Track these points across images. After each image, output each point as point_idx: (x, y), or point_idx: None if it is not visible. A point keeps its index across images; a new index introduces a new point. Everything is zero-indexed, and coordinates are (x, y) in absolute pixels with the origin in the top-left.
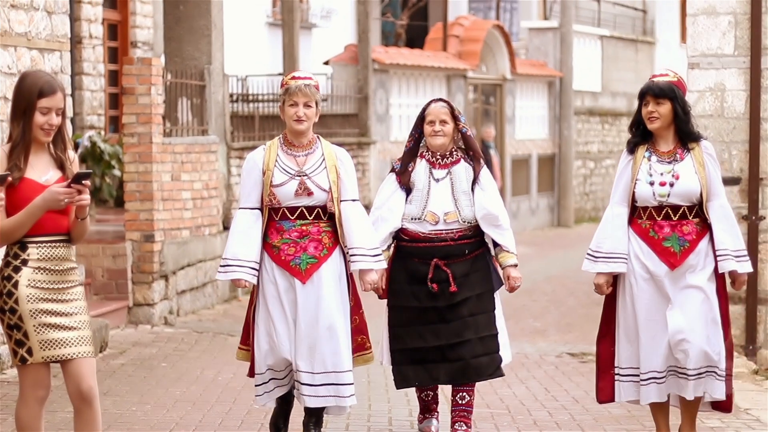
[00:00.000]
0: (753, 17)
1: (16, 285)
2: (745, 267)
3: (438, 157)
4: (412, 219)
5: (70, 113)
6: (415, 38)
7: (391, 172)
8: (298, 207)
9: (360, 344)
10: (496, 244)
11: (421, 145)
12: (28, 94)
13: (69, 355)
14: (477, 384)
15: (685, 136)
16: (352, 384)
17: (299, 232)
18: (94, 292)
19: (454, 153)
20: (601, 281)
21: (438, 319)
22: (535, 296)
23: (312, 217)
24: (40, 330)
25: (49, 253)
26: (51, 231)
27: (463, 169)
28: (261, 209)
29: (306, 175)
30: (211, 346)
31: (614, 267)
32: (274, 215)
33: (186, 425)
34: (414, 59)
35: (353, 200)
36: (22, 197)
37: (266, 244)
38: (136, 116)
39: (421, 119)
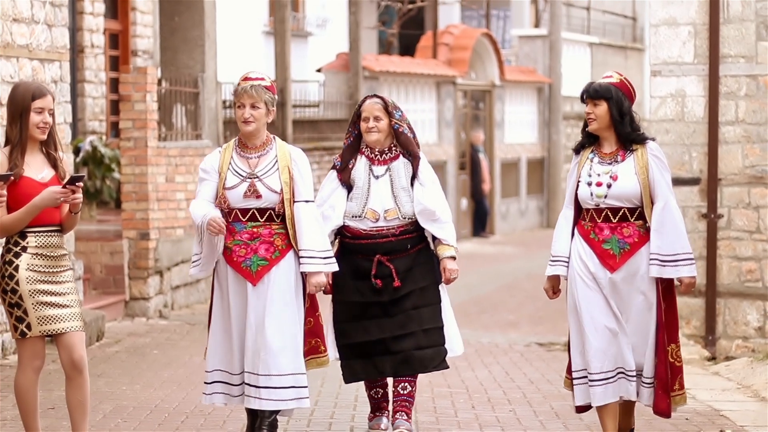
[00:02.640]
0: (711, 28)
1: (16, 269)
2: (674, 272)
3: (376, 153)
4: (353, 216)
5: (70, 119)
6: (411, 46)
7: (332, 169)
8: (250, 209)
9: (314, 347)
10: (435, 238)
11: (362, 141)
12: (23, 99)
13: (62, 329)
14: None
15: (622, 137)
16: (301, 387)
17: (250, 234)
18: (92, 287)
19: (393, 149)
20: (546, 285)
21: (382, 314)
22: (514, 292)
23: (264, 219)
24: (38, 308)
25: (45, 241)
26: (47, 222)
27: (402, 165)
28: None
29: (257, 177)
30: (201, 336)
31: (555, 270)
32: (227, 217)
33: (170, 401)
34: (404, 66)
35: (306, 201)
36: (22, 194)
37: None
38: (133, 122)
39: (358, 116)
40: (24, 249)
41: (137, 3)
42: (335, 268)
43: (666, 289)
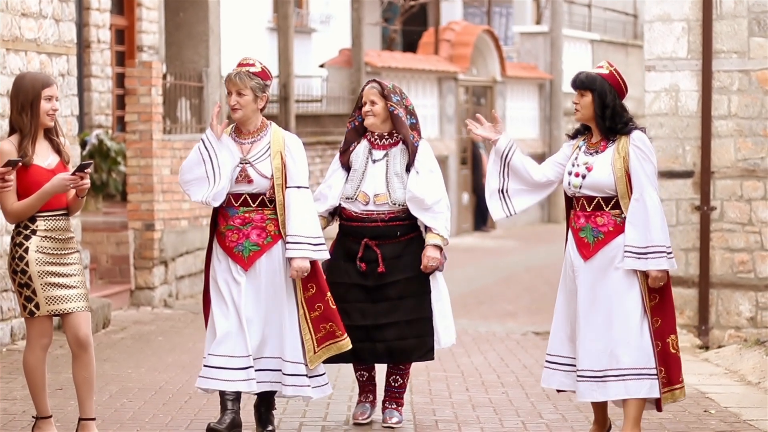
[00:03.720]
0: (704, 24)
1: (26, 251)
2: (642, 265)
3: (376, 137)
4: (346, 198)
5: (77, 112)
6: (413, 43)
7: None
8: (242, 194)
9: (329, 332)
10: (427, 228)
11: None
12: (33, 88)
13: (69, 309)
14: (439, 353)
15: (604, 129)
16: (301, 375)
17: (242, 219)
18: (99, 277)
19: (394, 135)
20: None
21: (365, 298)
22: (512, 284)
23: (256, 205)
24: (46, 288)
25: (53, 224)
26: (54, 207)
27: (399, 152)
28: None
29: (249, 162)
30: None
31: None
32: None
33: (173, 384)
34: (406, 62)
35: (298, 187)
36: (31, 181)
37: (216, 231)
38: (138, 115)
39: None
40: (33, 232)
41: None
42: (326, 256)
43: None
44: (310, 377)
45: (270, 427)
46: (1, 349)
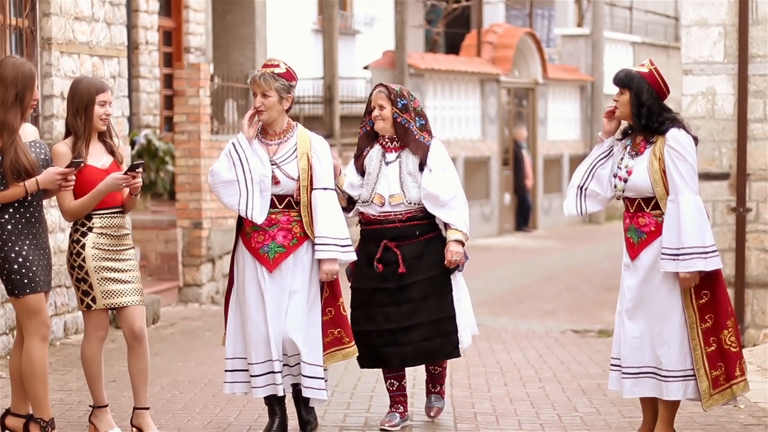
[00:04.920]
0: (740, 28)
1: (83, 247)
2: (673, 267)
3: (387, 140)
4: (363, 202)
5: (128, 113)
6: (456, 45)
7: None
8: (270, 195)
9: (336, 338)
10: (447, 225)
11: None
12: (87, 92)
13: (124, 303)
14: (478, 348)
15: (640, 127)
16: (319, 378)
17: (269, 220)
18: (148, 274)
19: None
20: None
21: (389, 302)
22: (552, 283)
23: (282, 206)
24: (102, 282)
25: (109, 222)
26: (110, 204)
27: (412, 152)
28: None
29: (276, 163)
30: None
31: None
32: None
33: (222, 377)
34: (448, 64)
35: (324, 189)
36: (86, 181)
37: (242, 231)
38: (186, 116)
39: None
40: (90, 229)
41: (190, 1)
42: (353, 257)
43: (704, 279)
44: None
45: (312, 424)
46: (55, 343)
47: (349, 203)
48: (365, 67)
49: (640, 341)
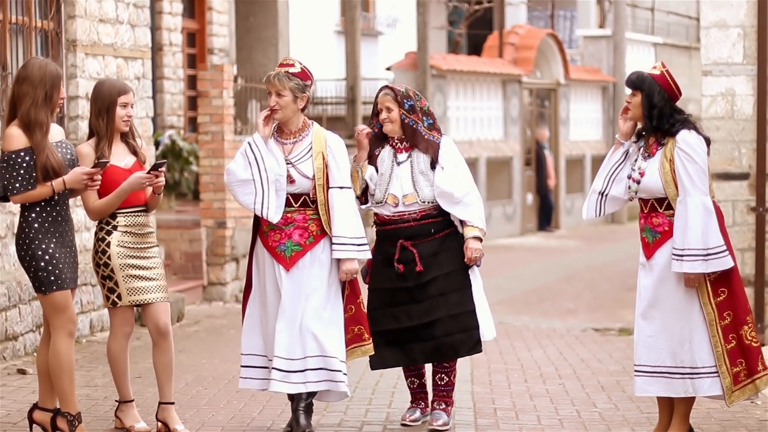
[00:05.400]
0: (759, 29)
1: (108, 245)
2: (678, 267)
3: (397, 141)
4: (376, 203)
5: (152, 114)
6: (478, 46)
7: None
8: (285, 194)
9: (357, 335)
10: (463, 221)
11: None
12: (109, 94)
13: (149, 299)
14: (499, 346)
15: (651, 129)
16: (339, 372)
17: (284, 219)
18: (172, 273)
19: None
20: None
21: (409, 300)
22: (574, 282)
23: (298, 205)
24: (127, 280)
25: (133, 220)
26: (134, 203)
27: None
28: None
29: (291, 163)
30: None
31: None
32: None
33: None
34: (470, 65)
35: (341, 188)
36: (109, 180)
37: (259, 230)
38: (210, 116)
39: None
40: (115, 228)
41: (214, 3)
42: (368, 255)
43: (721, 277)
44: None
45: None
46: (81, 341)
47: (363, 194)
48: (388, 68)
49: (654, 340)
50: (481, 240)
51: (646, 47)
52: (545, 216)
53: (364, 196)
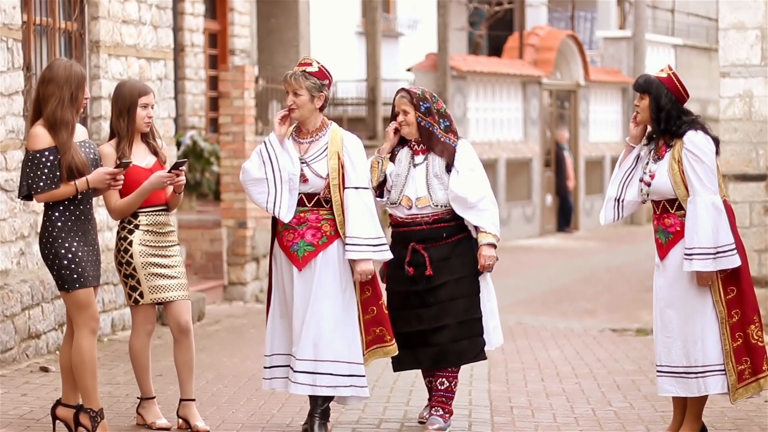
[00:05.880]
0: None
1: (131, 244)
2: (695, 265)
3: (414, 143)
4: (391, 204)
5: (174, 114)
6: (499, 47)
7: None
8: (298, 194)
9: (378, 336)
10: (477, 228)
11: None
12: (130, 95)
13: (171, 297)
14: (516, 345)
15: (658, 131)
16: (357, 376)
17: (297, 218)
18: (193, 272)
19: None
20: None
21: (419, 303)
22: (592, 283)
23: (311, 205)
24: (149, 278)
25: (154, 219)
26: (155, 203)
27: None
28: None
29: (305, 162)
30: None
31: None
32: None
33: None
34: (490, 67)
35: (356, 188)
36: (130, 180)
37: (276, 230)
38: (231, 117)
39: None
40: (136, 227)
41: (235, 4)
42: (387, 256)
43: (730, 275)
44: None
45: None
46: (103, 339)
47: (379, 187)
48: (408, 70)
49: (672, 341)
50: (495, 246)
51: (666, 49)
52: (564, 217)
53: (380, 189)
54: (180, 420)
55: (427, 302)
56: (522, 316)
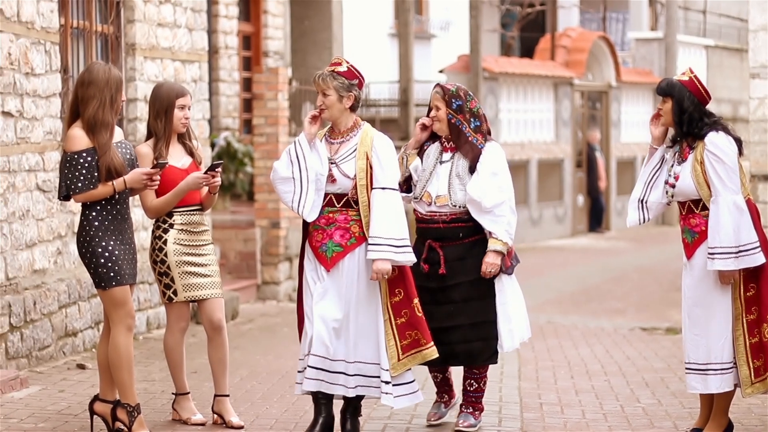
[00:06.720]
0: None
1: (165, 242)
2: (710, 265)
3: (444, 140)
4: (414, 198)
5: (208, 116)
6: (530, 48)
7: None
8: (327, 194)
9: (414, 341)
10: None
11: None
12: (167, 97)
13: (204, 295)
14: (547, 344)
15: (681, 134)
16: (376, 377)
17: (326, 219)
18: (227, 272)
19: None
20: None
21: (430, 300)
22: (622, 283)
23: (340, 205)
24: (183, 276)
25: (188, 219)
26: (189, 203)
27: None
28: None
29: (334, 162)
30: None
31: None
32: None
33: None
34: (522, 68)
35: (383, 188)
36: (167, 180)
37: (306, 230)
38: (265, 118)
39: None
40: (171, 226)
41: (269, 6)
42: (410, 258)
43: (752, 273)
44: (396, 385)
45: None
46: (138, 337)
47: (405, 182)
48: (440, 71)
49: (700, 338)
50: (502, 254)
51: (697, 50)
52: (596, 217)
53: (406, 185)
54: (215, 415)
55: (439, 300)
56: (553, 315)
